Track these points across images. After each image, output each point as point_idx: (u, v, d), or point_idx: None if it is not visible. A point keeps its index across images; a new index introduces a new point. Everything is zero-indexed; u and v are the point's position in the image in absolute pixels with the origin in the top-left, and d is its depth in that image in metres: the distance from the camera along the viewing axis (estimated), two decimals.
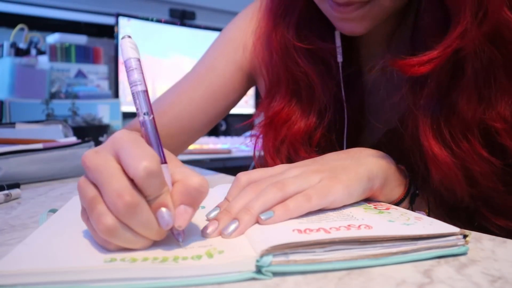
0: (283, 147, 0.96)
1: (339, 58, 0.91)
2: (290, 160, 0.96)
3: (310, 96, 0.94)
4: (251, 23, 1.09)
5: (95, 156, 0.52)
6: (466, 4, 0.67)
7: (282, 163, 0.96)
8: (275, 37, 0.94)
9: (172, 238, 0.55)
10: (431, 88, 0.75)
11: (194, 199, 0.53)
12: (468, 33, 0.68)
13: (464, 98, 0.73)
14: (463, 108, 0.73)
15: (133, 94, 0.57)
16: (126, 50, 0.58)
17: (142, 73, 0.58)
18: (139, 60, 0.58)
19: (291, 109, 0.96)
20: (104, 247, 0.52)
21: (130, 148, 0.51)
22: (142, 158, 0.50)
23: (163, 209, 0.51)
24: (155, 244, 0.54)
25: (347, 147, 0.93)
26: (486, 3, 0.67)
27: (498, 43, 0.71)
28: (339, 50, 0.90)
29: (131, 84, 0.57)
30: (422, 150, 0.77)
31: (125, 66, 0.58)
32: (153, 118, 0.57)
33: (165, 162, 0.55)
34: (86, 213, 0.53)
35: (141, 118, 0.56)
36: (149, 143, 0.55)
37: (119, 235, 0.50)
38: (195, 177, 0.53)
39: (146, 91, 0.57)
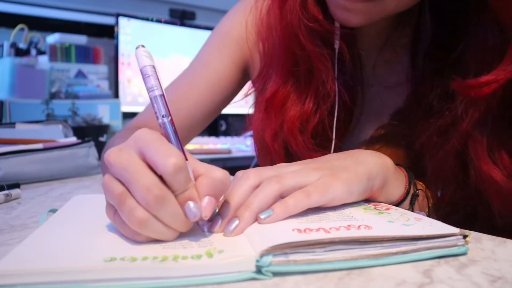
0: (282, 133, 0.97)
1: (336, 44, 0.91)
2: (289, 149, 0.96)
3: (309, 79, 0.94)
4: (244, 16, 1.10)
5: (119, 154, 0.54)
6: None
7: (281, 149, 0.97)
8: (281, 13, 0.94)
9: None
10: (487, 111, 0.75)
11: (218, 191, 0.56)
12: None
13: None
14: None
15: (150, 99, 0.59)
16: (140, 58, 0.61)
17: (158, 79, 0.60)
18: (153, 66, 0.60)
19: (287, 90, 0.96)
20: (134, 239, 0.54)
21: (155, 145, 0.54)
22: (170, 155, 0.52)
23: (190, 203, 0.54)
24: (155, 242, 0.54)
25: (338, 138, 0.93)
26: None
27: None
28: (337, 32, 0.90)
29: (148, 90, 0.59)
30: (478, 173, 0.77)
31: (142, 74, 0.60)
32: (171, 119, 0.59)
33: (186, 159, 0.57)
34: (112, 209, 0.56)
35: (160, 120, 0.58)
36: (169, 142, 0.57)
37: (150, 227, 0.53)
38: (218, 170, 0.56)
39: (162, 95, 0.59)
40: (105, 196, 0.56)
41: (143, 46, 0.61)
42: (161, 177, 0.53)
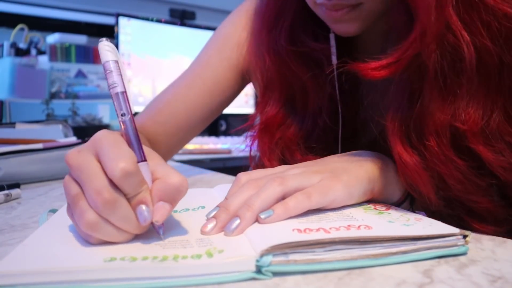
0: (278, 149, 0.96)
1: (334, 60, 0.90)
2: (285, 162, 0.95)
3: (305, 100, 0.94)
4: (245, 19, 1.10)
5: (77, 155, 0.55)
6: (422, 7, 0.66)
7: (279, 165, 0.96)
8: (268, 42, 0.94)
9: (171, 236, 0.56)
10: (397, 91, 0.75)
11: (172, 197, 0.56)
12: (426, 37, 0.67)
13: (431, 101, 0.71)
14: (430, 110, 0.71)
15: (111, 96, 0.59)
16: (103, 53, 0.60)
17: (121, 75, 0.59)
18: (116, 62, 0.60)
19: (285, 113, 0.96)
20: (87, 240, 0.54)
21: (108, 148, 0.54)
22: (119, 159, 0.52)
23: (142, 206, 0.54)
24: (154, 242, 0.54)
25: (342, 149, 0.93)
26: (439, 6, 0.66)
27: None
28: (333, 50, 0.90)
29: (110, 86, 0.59)
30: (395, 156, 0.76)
31: (104, 69, 0.60)
32: (132, 117, 0.58)
33: (145, 160, 0.57)
34: (71, 209, 0.56)
35: (120, 118, 0.58)
36: (128, 142, 0.57)
37: (100, 230, 0.53)
38: (175, 176, 0.56)
39: (124, 92, 0.59)
40: (65, 196, 0.57)
41: (106, 39, 0.61)
42: None
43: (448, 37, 0.68)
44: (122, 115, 0.58)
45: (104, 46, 0.60)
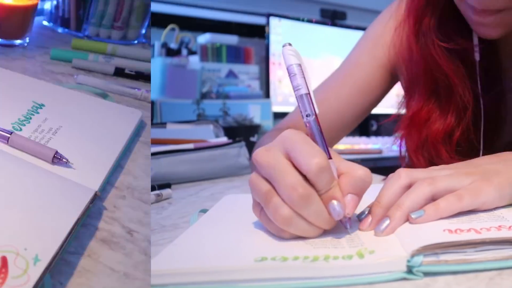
0: (425, 147, 0.96)
1: (477, 57, 0.89)
2: (432, 160, 0.95)
3: (449, 95, 0.92)
4: (392, 19, 1.08)
5: (267, 154, 0.56)
6: None
7: (426, 162, 0.96)
8: (416, 36, 0.94)
9: (322, 236, 0.57)
10: None
11: (360, 189, 0.57)
12: None
13: None
14: None
15: (296, 98, 0.60)
16: (287, 57, 0.61)
17: (304, 77, 0.61)
18: (300, 65, 0.61)
19: (430, 108, 0.95)
20: (279, 235, 0.56)
21: (300, 146, 0.55)
22: (313, 155, 0.53)
23: (334, 202, 0.54)
24: (305, 242, 0.55)
25: (484, 147, 0.91)
26: None
27: None
28: (476, 49, 0.88)
29: (294, 88, 0.60)
30: None
31: (288, 73, 0.61)
32: (316, 118, 0.59)
33: (331, 158, 0.58)
34: (259, 206, 0.58)
35: (304, 119, 0.59)
36: (314, 141, 0.58)
37: (294, 224, 0.54)
38: (359, 168, 0.57)
39: (308, 94, 0.60)
40: (252, 193, 0.58)
41: (290, 44, 0.62)
42: (305, 177, 0.54)
43: None
44: (307, 115, 0.59)
45: (288, 50, 0.62)
